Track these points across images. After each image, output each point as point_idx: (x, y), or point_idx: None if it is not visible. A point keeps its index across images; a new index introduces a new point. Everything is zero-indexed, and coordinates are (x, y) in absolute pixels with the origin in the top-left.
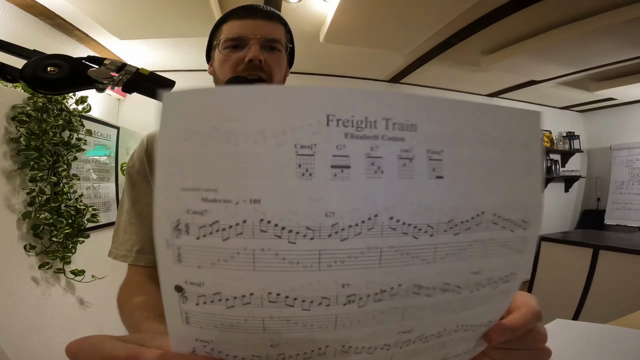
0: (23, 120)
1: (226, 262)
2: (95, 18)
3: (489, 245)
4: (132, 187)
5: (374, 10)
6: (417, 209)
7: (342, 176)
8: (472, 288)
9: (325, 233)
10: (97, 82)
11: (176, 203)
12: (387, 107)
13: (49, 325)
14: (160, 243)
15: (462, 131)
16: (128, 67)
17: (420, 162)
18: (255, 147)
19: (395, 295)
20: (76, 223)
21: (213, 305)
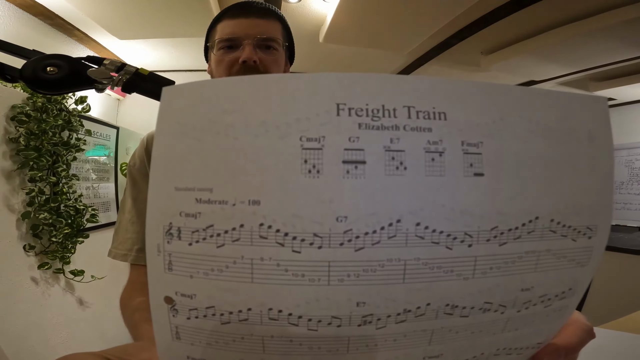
0: (22, 120)
1: (221, 272)
2: (95, 18)
3: (545, 257)
4: (133, 186)
5: (374, 11)
6: (451, 214)
7: (355, 173)
8: (520, 307)
9: (337, 241)
10: (96, 82)
11: (169, 204)
12: (408, 93)
13: (48, 326)
14: (151, 249)
15: (505, 119)
16: (127, 67)
17: (454, 157)
18: (255, 141)
19: (421, 316)
20: (75, 223)
21: (206, 320)
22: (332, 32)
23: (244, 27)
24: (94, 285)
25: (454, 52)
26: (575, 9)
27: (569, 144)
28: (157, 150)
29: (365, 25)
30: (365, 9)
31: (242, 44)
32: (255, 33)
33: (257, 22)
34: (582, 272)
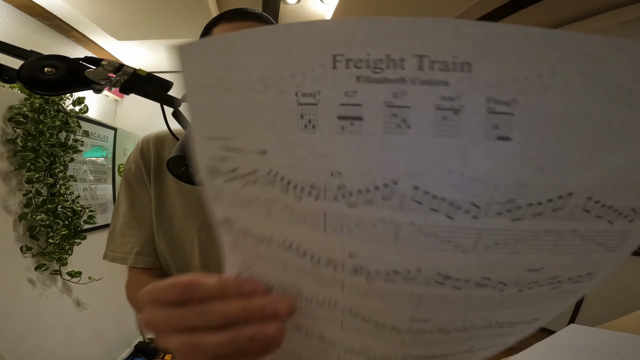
0: (20, 121)
1: (249, 206)
2: (93, 19)
3: (567, 238)
4: (130, 190)
5: (373, 12)
6: (459, 180)
7: (351, 129)
8: (523, 286)
9: (331, 195)
10: (94, 83)
11: (204, 150)
12: (422, 39)
13: (45, 327)
14: (203, 183)
15: (559, 74)
16: (126, 68)
17: (474, 116)
18: (257, 97)
19: (411, 281)
20: (73, 224)
21: (247, 240)
22: None
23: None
24: (91, 287)
25: None
26: (573, 10)
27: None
28: (189, 105)
29: None
30: (363, 10)
31: None
32: None
33: (252, 26)
34: (610, 257)
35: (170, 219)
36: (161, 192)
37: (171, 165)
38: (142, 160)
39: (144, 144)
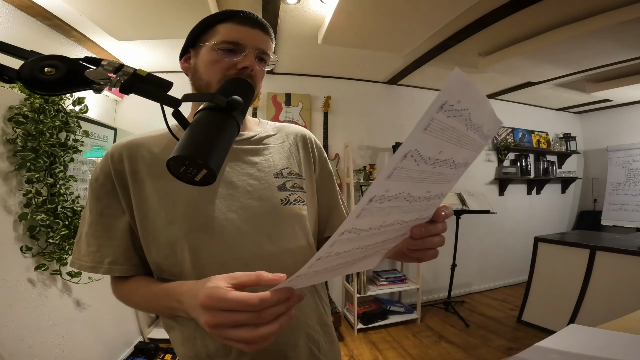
0: (20, 121)
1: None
2: (93, 19)
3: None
4: (97, 200)
5: (372, 12)
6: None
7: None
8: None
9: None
10: (94, 83)
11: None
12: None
13: (45, 327)
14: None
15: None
16: (125, 68)
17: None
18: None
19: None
20: (73, 224)
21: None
22: (330, 33)
23: (249, 36)
24: (91, 287)
25: (452, 53)
26: (572, 10)
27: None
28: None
29: (364, 27)
30: (363, 10)
31: (244, 51)
32: (257, 44)
33: (259, 35)
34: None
35: (155, 227)
36: (142, 200)
37: (171, 165)
38: (114, 170)
39: (114, 153)
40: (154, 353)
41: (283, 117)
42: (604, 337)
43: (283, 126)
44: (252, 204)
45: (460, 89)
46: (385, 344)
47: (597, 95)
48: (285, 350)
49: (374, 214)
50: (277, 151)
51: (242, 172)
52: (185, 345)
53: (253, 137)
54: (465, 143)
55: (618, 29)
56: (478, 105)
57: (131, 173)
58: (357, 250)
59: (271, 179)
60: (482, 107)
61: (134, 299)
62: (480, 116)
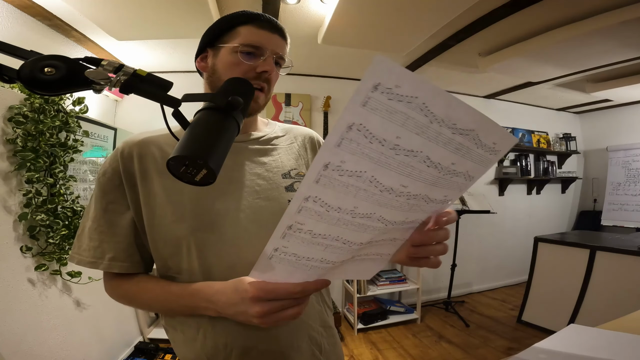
0: (20, 121)
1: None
2: (93, 19)
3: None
4: (103, 195)
5: (372, 12)
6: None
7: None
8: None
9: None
10: (94, 83)
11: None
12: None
13: (45, 327)
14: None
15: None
16: (125, 68)
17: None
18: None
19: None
20: (73, 224)
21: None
22: (330, 33)
23: (269, 41)
24: (91, 287)
25: (452, 53)
26: (572, 10)
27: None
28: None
29: (364, 27)
30: (363, 10)
31: (264, 55)
32: (276, 49)
33: (278, 39)
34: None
35: (162, 224)
36: (150, 198)
37: (171, 165)
38: (123, 166)
39: (125, 149)
40: (154, 353)
41: (283, 117)
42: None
43: (291, 127)
44: (259, 203)
45: (389, 72)
46: (385, 344)
47: (597, 95)
48: (288, 352)
49: (337, 188)
50: (285, 152)
51: (251, 172)
52: (186, 346)
53: (262, 137)
54: (438, 139)
55: (618, 29)
56: (434, 96)
57: (140, 170)
58: (341, 246)
59: (279, 180)
60: (443, 101)
61: (141, 299)
62: (451, 113)
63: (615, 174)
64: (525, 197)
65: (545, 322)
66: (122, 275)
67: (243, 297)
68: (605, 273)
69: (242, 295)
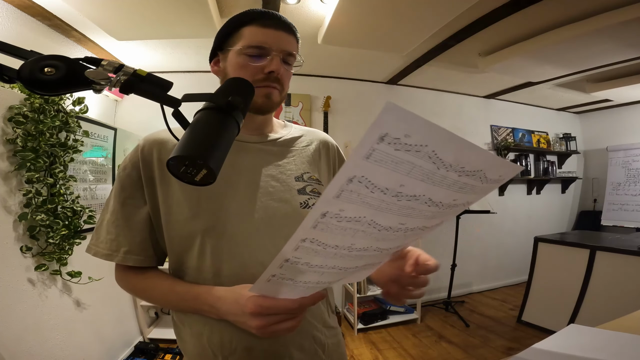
0: (20, 121)
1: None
2: (93, 19)
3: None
4: (122, 190)
5: (372, 12)
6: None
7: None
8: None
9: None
10: (94, 83)
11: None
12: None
13: (45, 327)
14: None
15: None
16: (126, 68)
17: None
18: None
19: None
20: (73, 224)
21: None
22: (330, 33)
23: (273, 39)
24: (91, 287)
25: (452, 53)
26: (572, 10)
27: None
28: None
29: (364, 27)
30: (363, 10)
31: (270, 55)
32: (282, 47)
33: (284, 36)
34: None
35: (178, 221)
36: (168, 195)
37: (171, 165)
38: (142, 162)
39: (145, 146)
40: (154, 353)
41: (283, 117)
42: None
43: (308, 131)
44: (272, 205)
45: (399, 122)
46: (385, 344)
47: (597, 95)
48: (291, 351)
49: (334, 232)
50: (300, 155)
51: (265, 174)
52: (192, 341)
53: (278, 139)
54: (442, 183)
55: (618, 29)
56: (445, 143)
57: (159, 167)
58: (337, 271)
59: (292, 182)
60: (454, 147)
61: (149, 294)
62: (460, 156)
63: (615, 174)
64: (525, 197)
65: (545, 322)
66: (134, 268)
67: (243, 310)
68: (605, 273)
69: (242, 309)
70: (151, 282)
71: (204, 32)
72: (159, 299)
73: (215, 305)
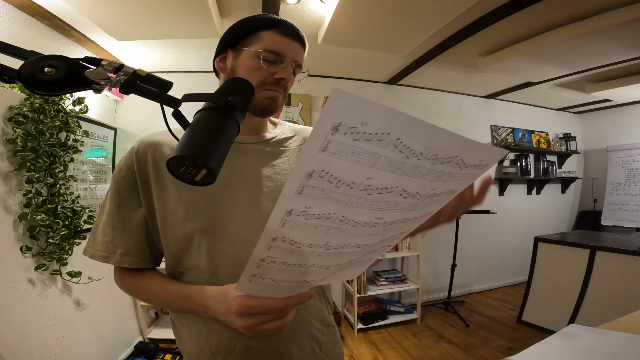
0: (20, 121)
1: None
2: (93, 19)
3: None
4: (117, 192)
5: (372, 12)
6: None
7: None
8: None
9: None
10: (94, 83)
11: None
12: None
13: (45, 327)
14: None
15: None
16: (125, 68)
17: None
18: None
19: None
20: (73, 224)
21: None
22: (330, 33)
23: (290, 48)
24: (91, 287)
25: (452, 53)
26: (572, 10)
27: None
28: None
29: (364, 27)
30: (363, 10)
31: (284, 62)
32: (295, 57)
33: (298, 48)
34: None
35: (174, 222)
36: (164, 196)
37: (171, 165)
38: (137, 164)
39: (140, 148)
40: (154, 353)
41: (283, 117)
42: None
43: (301, 129)
44: (268, 204)
45: (350, 109)
46: (385, 344)
47: (597, 95)
48: (289, 349)
49: (305, 230)
50: (293, 155)
51: (260, 174)
52: (191, 341)
53: (272, 138)
54: (415, 173)
55: (618, 29)
56: (410, 129)
57: (154, 169)
58: (319, 270)
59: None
60: (421, 133)
61: (145, 294)
62: (431, 143)
63: (615, 174)
64: (525, 197)
65: (545, 322)
66: (131, 269)
67: (229, 310)
68: (605, 273)
69: (227, 308)
70: (147, 283)
71: (204, 32)
72: (154, 299)
73: (205, 304)
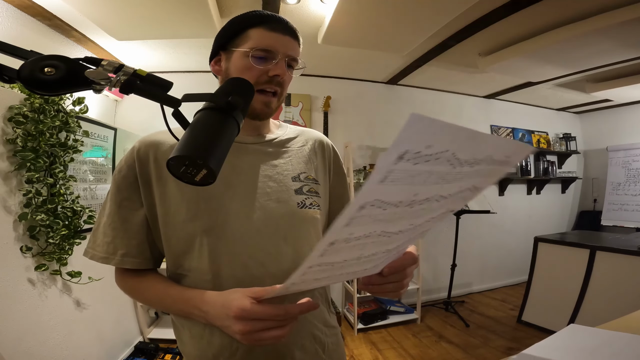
0: (20, 121)
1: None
2: (93, 19)
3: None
4: (118, 192)
5: (372, 12)
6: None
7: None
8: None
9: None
10: (94, 83)
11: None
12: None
13: (45, 327)
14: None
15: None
16: (125, 68)
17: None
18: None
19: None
20: (73, 224)
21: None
22: (330, 33)
23: (281, 43)
24: (91, 287)
25: (452, 53)
26: (572, 10)
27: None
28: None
29: (364, 27)
30: (363, 10)
31: (276, 58)
32: (287, 51)
33: (289, 41)
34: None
35: (175, 222)
36: (165, 196)
37: (171, 165)
38: (139, 164)
39: (141, 148)
40: (154, 353)
41: (283, 117)
42: (604, 337)
43: (303, 130)
44: (270, 205)
45: (422, 134)
46: (385, 344)
47: (597, 95)
48: (292, 350)
49: (343, 251)
50: (296, 155)
51: (263, 174)
52: (192, 344)
53: (274, 139)
54: (455, 179)
55: (618, 29)
56: (464, 141)
57: (156, 169)
58: (347, 275)
59: (289, 182)
60: (472, 141)
61: (145, 296)
62: (476, 150)
63: (615, 174)
64: (525, 197)
65: (545, 322)
66: (132, 270)
67: (227, 313)
68: (605, 273)
69: (226, 312)
70: (148, 285)
71: (204, 32)
72: (155, 302)
73: (204, 309)
